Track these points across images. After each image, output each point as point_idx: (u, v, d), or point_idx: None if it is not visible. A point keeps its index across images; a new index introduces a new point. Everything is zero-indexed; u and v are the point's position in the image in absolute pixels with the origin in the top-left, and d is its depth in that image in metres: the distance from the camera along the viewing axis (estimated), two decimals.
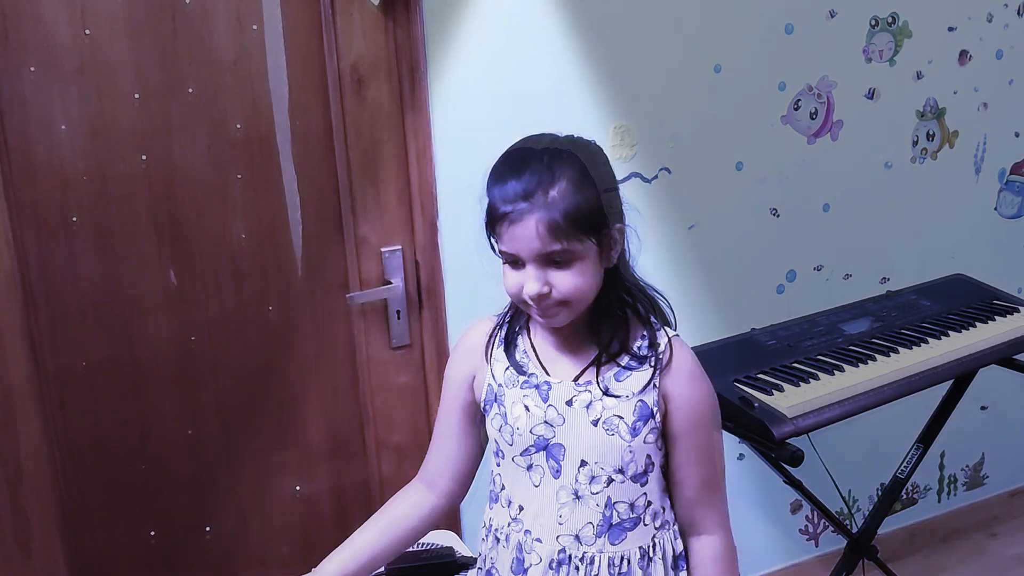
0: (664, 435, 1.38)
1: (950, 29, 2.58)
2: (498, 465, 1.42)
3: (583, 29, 2.12)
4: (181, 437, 2.01)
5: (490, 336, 1.44)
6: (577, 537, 1.36)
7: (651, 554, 1.39)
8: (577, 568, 1.36)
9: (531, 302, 1.30)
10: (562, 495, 1.36)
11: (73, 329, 1.89)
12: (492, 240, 1.32)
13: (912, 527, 2.94)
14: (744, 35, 2.31)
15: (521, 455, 1.38)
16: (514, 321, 1.43)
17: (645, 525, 1.38)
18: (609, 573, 1.36)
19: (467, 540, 2.02)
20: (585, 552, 1.36)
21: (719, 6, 2.26)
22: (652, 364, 1.36)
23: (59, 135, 1.81)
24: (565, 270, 1.28)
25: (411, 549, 1.65)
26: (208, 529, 2.08)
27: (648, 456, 1.36)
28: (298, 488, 2.14)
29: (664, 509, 1.41)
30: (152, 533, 2.03)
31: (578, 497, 1.35)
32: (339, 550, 1.47)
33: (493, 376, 1.41)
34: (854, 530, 2.39)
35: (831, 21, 2.41)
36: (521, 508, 1.39)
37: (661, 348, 1.37)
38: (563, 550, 1.36)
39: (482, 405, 1.43)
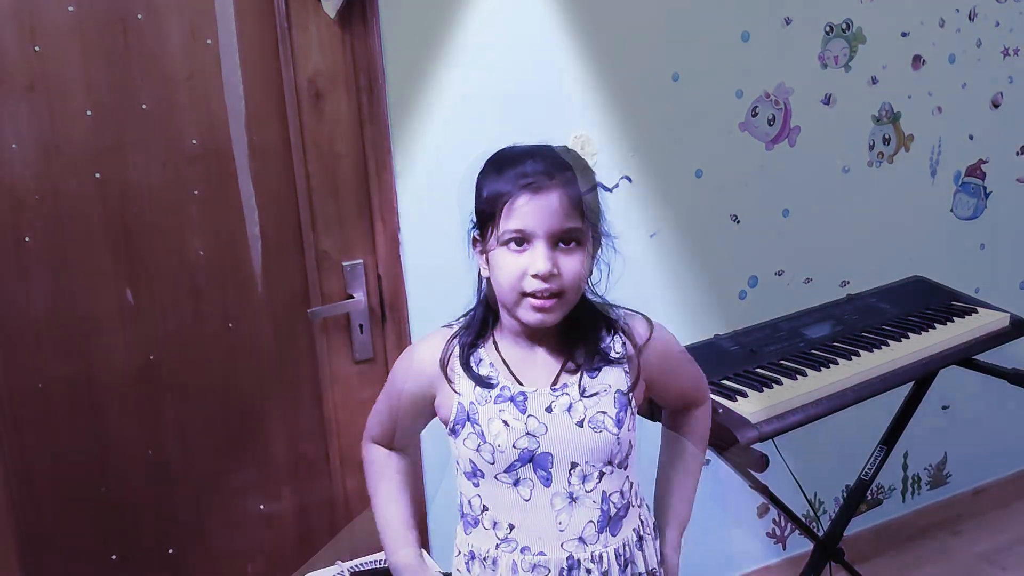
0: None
1: (903, 35, 2.61)
2: (476, 486, 1.37)
3: (542, 39, 2.12)
4: (142, 457, 1.98)
5: (444, 352, 1.39)
6: (581, 539, 1.35)
7: (642, 532, 1.42)
8: (588, 571, 1.35)
9: (532, 288, 1.26)
10: (557, 501, 1.34)
11: (28, 351, 1.85)
12: (482, 231, 1.30)
13: (877, 527, 2.96)
14: (701, 43, 2.32)
15: (506, 472, 1.34)
16: (470, 335, 1.39)
17: (633, 507, 1.41)
18: (618, 565, 1.37)
19: (435, 555, 2.00)
20: (593, 552, 1.35)
21: (677, 15, 2.27)
22: (633, 349, 1.38)
23: (9, 154, 1.78)
24: (570, 255, 1.27)
25: (378, 566, 1.64)
26: (171, 551, 2.05)
27: (629, 441, 1.38)
28: (262, 506, 2.11)
29: (640, 484, 1.43)
30: (114, 556, 2.00)
31: (573, 499, 1.34)
32: (394, 534, 1.46)
33: (460, 394, 1.37)
34: (820, 532, 2.40)
35: (786, 28, 2.43)
36: (512, 527, 1.35)
37: (640, 332, 1.39)
38: (570, 556, 1.35)
39: (450, 426, 1.38)
